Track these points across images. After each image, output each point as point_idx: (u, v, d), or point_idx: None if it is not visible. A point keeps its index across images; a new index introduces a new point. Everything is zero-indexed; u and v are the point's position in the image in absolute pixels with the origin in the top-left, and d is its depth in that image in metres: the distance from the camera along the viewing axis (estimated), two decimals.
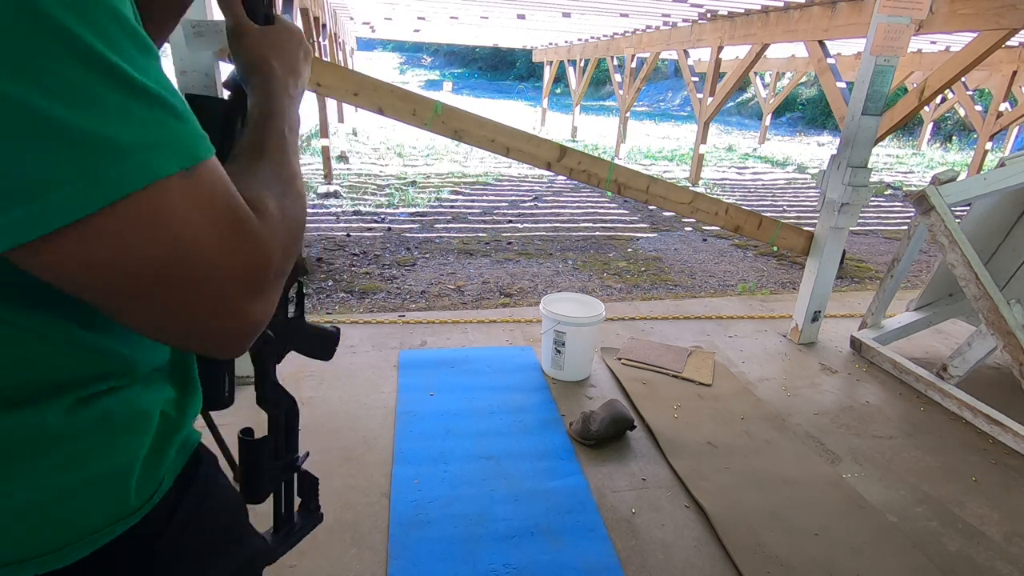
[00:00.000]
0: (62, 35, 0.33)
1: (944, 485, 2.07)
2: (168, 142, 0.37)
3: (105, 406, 0.47)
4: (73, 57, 0.33)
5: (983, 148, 9.47)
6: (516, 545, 1.70)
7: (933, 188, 2.54)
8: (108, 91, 0.34)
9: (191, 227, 0.38)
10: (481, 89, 35.09)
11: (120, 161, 0.34)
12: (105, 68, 0.34)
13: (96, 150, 0.34)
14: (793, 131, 21.66)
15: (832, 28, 5.55)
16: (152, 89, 0.37)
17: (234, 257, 0.40)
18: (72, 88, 0.33)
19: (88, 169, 0.33)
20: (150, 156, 0.36)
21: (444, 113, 2.53)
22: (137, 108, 0.36)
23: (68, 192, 0.33)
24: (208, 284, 0.39)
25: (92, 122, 0.34)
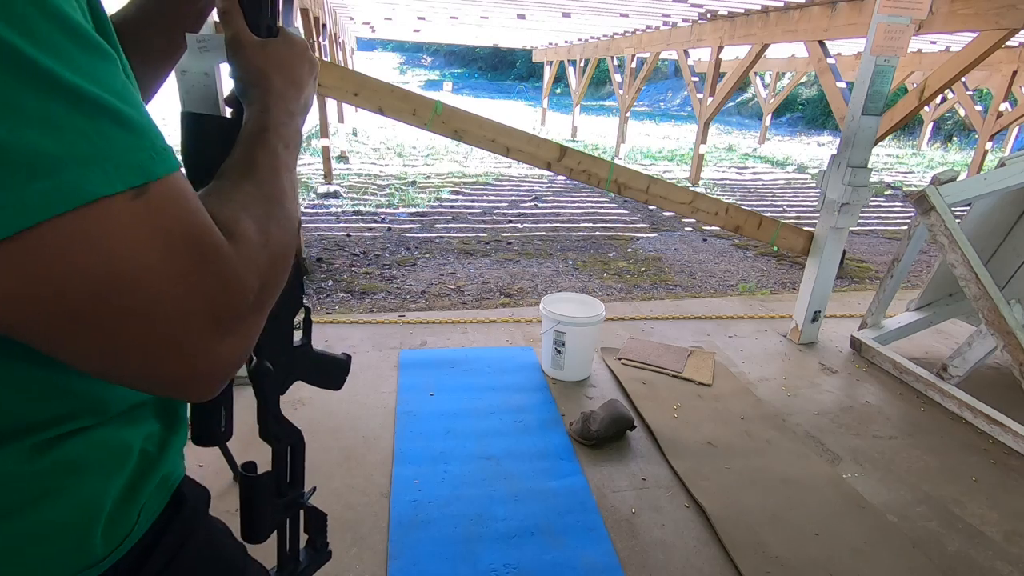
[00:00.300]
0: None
1: (944, 485, 2.07)
2: (111, 156, 0.32)
3: (71, 449, 0.42)
4: (6, 66, 0.29)
5: (983, 148, 9.47)
6: (516, 545, 1.70)
7: (933, 188, 2.54)
8: (26, 93, 0.30)
9: (137, 254, 0.33)
10: (481, 89, 35.10)
11: (44, 177, 0.30)
12: (22, 66, 0.29)
13: (10, 163, 0.29)
14: (793, 131, 21.66)
15: (832, 28, 5.55)
16: (92, 94, 0.32)
17: (193, 289, 0.35)
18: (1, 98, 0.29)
19: (1, 185, 0.29)
20: (84, 172, 0.31)
21: (444, 113, 2.53)
22: (69, 115, 0.31)
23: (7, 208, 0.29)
24: (158, 320, 0.34)
25: (16, 135, 0.29)
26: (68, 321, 0.33)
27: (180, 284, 0.35)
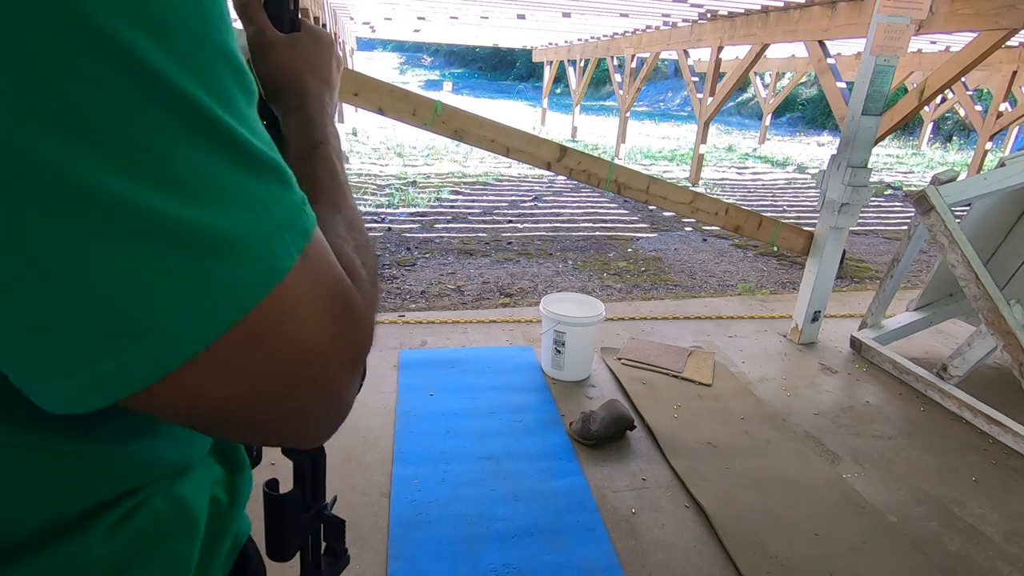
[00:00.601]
0: (149, 81, 0.23)
1: (944, 485, 2.07)
2: (287, 222, 0.29)
3: (151, 511, 0.38)
4: (172, 116, 0.24)
5: (983, 148, 9.47)
6: (516, 545, 1.70)
7: (933, 188, 2.54)
8: (221, 164, 0.26)
9: (309, 322, 0.30)
10: (481, 89, 35.10)
11: (245, 262, 0.26)
12: (214, 130, 0.26)
13: (214, 252, 0.25)
14: (793, 131, 21.66)
15: (832, 28, 5.55)
16: (262, 152, 0.28)
17: (347, 344, 0.33)
18: (171, 163, 0.24)
19: (209, 281, 0.25)
20: (273, 247, 0.27)
21: (444, 113, 2.53)
22: (253, 182, 0.27)
23: (186, 318, 0.25)
24: (321, 382, 0.32)
25: (207, 213, 0.25)
26: (241, 406, 0.29)
27: (339, 342, 0.32)
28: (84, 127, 0.22)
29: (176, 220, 0.24)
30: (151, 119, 0.24)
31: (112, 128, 0.23)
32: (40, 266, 0.22)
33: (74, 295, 0.23)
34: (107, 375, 0.25)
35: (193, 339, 0.26)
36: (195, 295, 0.25)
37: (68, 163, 0.22)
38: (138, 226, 0.23)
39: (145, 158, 0.24)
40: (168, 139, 0.24)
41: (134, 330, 0.24)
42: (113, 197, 0.23)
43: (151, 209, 0.24)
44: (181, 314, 0.25)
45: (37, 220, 0.22)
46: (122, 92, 0.23)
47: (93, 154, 0.22)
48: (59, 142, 0.22)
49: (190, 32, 0.25)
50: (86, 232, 0.23)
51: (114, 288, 0.24)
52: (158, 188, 0.24)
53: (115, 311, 0.24)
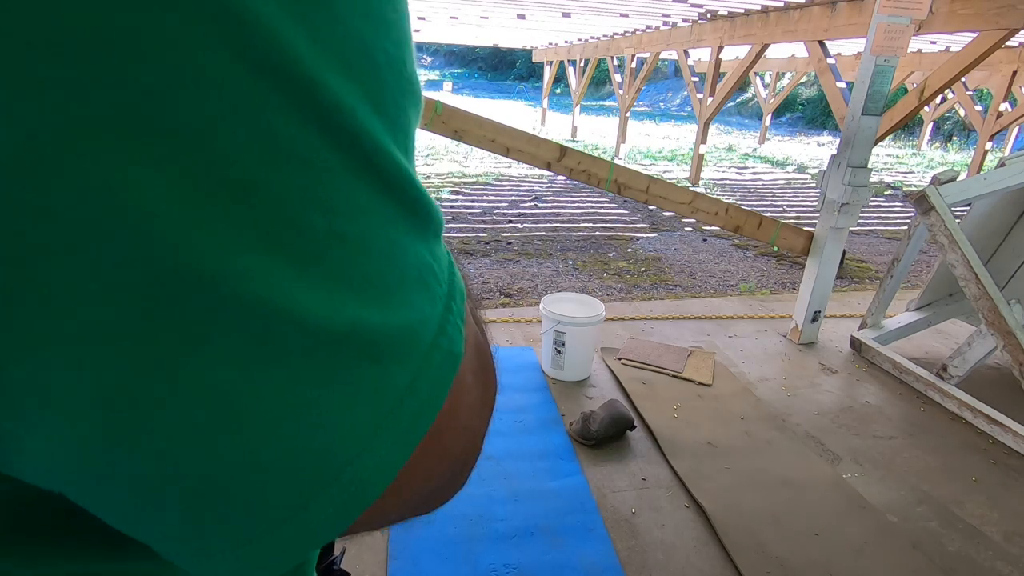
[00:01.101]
0: (333, 126, 0.17)
1: (944, 485, 2.07)
2: (450, 287, 0.23)
3: None
4: (364, 181, 0.18)
5: (983, 148, 9.48)
6: (516, 545, 1.70)
7: (933, 188, 2.54)
8: (403, 235, 0.20)
9: (470, 400, 0.24)
10: (481, 89, 35.11)
11: (427, 358, 0.20)
12: (401, 192, 0.20)
13: (396, 355, 0.19)
14: (793, 131, 21.67)
15: (832, 28, 5.55)
16: (426, 199, 0.21)
17: (487, 408, 0.27)
18: (365, 252, 0.19)
19: (396, 395, 0.20)
20: (448, 328, 0.22)
21: (444, 113, 2.53)
22: (421, 245, 0.21)
23: (377, 451, 0.20)
24: (473, 462, 0.27)
25: (390, 307, 0.19)
26: (399, 515, 0.24)
27: (484, 410, 0.27)
28: (251, 214, 0.16)
29: (370, 330, 0.19)
30: (341, 188, 0.18)
31: (291, 207, 0.17)
32: (201, 414, 0.17)
33: (244, 447, 0.18)
34: (288, 541, 0.19)
35: (383, 474, 0.20)
36: (384, 417, 0.20)
37: (237, 274, 0.16)
38: (329, 344, 0.18)
39: (342, 251, 0.18)
40: (363, 219, 0.18)
41: (318, 481, 0.19)
42: (314, 318, 0.17)
43: (347, 324, 0.18)
44: (371, 446, 0.20)
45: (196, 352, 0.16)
46: (304, 149, 0.17)
47: (271, 254, 0.16)
48: (224, 240, 0.16)
49: (373, 49, 0.19)
50: (265, 367, 0.17)
51: (295, 429, 0.18)
52: (352, 293, 0.18)
53: (293, 461, 0.18)
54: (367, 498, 0.20)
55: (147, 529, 0.19)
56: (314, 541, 0.20)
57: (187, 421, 0.17)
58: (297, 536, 0.20)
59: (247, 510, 0.19)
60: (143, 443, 0.17)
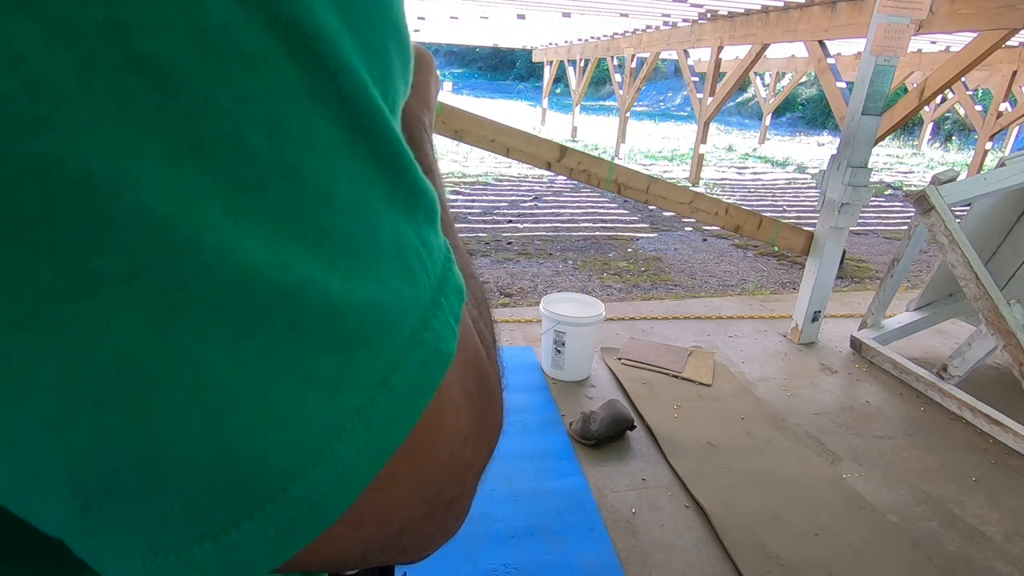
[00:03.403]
0: (304, 49, 0.15)
1: (944, 485, 2.07)
2: (441, 280, 0.20)
3: None
4: (331, 114, 0.16)
5: (983, 148, 9.48)
6: (516, 545, 1.70)
7: (933, 188, 2.54)
8: (379, 196, 0.18)
9: (456, 420, 0.21)
10: (481, 89, 35.11)
11: (405, 351, 0.18)
12: (378, 142, 0.17)
13: (366, 340, 0.17)
14: (793, 131, 21.68)
15: (832, 28, 5.55)
16: (416, 173, 0.19)
17: (483, 439, 0.24)
18: (325, 200, 0.16)
19: (364, 391, 0.17)
20: (434, 322, 0.19)
21: (444, 113, 2.53)
22: (406, 222, 0.19)
23: (337, 458, 0.16)
24: (460, 498, 0.23)
25: (358, 279, 0.17)
26: (365, 550, 0.20)
27: (479, 440, 0.23)
28: (192, 140, 0.13)
29: (326, 297, 0.15)
30: (292, 106, 0.15)
31: (231, 132, 0.14)
32: (113, 378, 0.14)
33: (172, 431, 0.14)
34: (223, 552, 0.16)
35: (344, 492, 0.17)
36: (346, 416, 0.16)
37: (183, 214, 0.13)
38: (277, 309, 0.15)
39: (293, 190, 0.15)
40: (323, 156, 0.16)
41: (271, 483, 0.15)
42: (248, 263, 0.14)
43: (290, 281, 0.15)
44: (327, 452, 0.16)
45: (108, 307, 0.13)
46: (243, 39, 0.14)
47: (213, 186, 0.14)
48: (160, 158, 0.13)
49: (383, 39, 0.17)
50: (188, 327, 0.14)
51: (237, 419, 0.15)
52: (303, 243, 0.15)
53: (234, 455, 0.15)
54: (320, 522, 0.16)
55: (42, 515, 0.16)
56: (243, 570, 0.16)
57: (67, 393, 0.14)
58: (220, 563, 0.16)
59: (155, 518, 0.15)
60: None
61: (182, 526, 0.15)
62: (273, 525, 0.16)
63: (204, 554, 0.15)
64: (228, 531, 0.15)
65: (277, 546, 0.16)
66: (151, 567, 0.16)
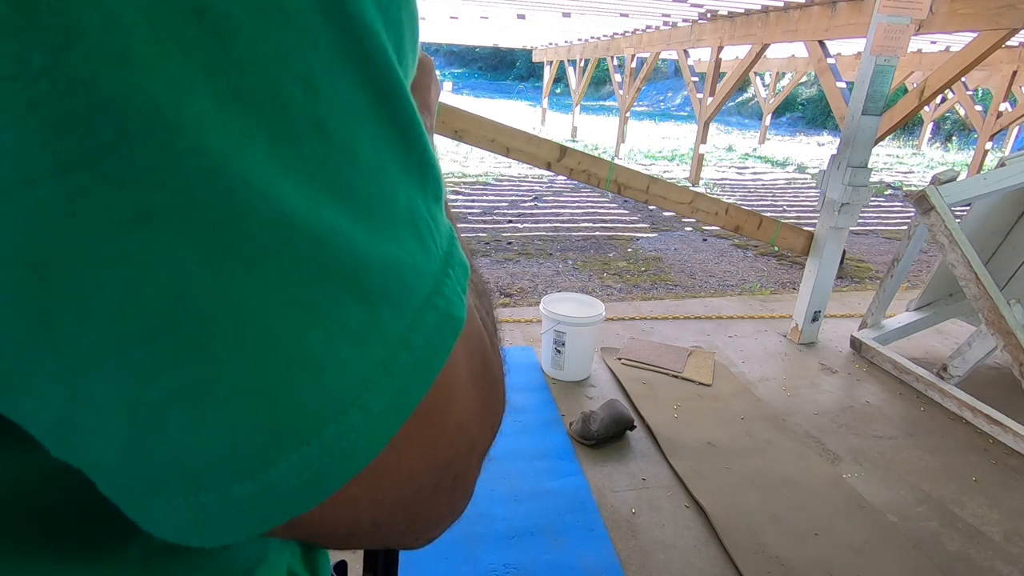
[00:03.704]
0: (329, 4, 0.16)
1: (944, 485, 2.07)
2: (447, 254, 0.21)
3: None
4: (356, 73, 0.17)
5: (983, 148, 9.48)
6: (516, 545, 1.70)
7: (933, 188, 2.54)
8: (395, 161, 0.18)
9: (464, 394, 0.22)
10: (481, 89, 35.11)
11: (422, 312, 0.19)
12: (396, 105, 0.18)
13: (388, 298, 0.17)
14: (793, 131, 21.68)
15: (832, 28, 5.55)
16: (427, 146, 0.20)
17: (488, 418, 0.25)
18: (350, 156, 0.17)
19: (389, 346, 0.18)
20: (445, 289, 0.20)
21: (444, 113, 2.53)
22: (418, 193, 0.20)
23: (365, 405, 0.17)
24: (467, 473, 0.24)
25: (379, 237, 0.17)
26: (378, 517, 0.21)
27: (484, 418, 0.24)
28: (239, 88, 0.14)
29: (354, 248, 0.16)
30: (325, 65, 0.16)
31: (273, 85, 0.15)
32: (153, 326, 0.14)
33: (219, 367, 0.15)
34: (260, 492, 0.16)
35: (372, 440, 0.17)
36: (373, 369, 0.17)
37: (234, 155, 0.14)
38: (313, 256, 0.15)
39: (322, 145, 0.16)
40: (349, 115, 0.16)
41: (307, 426, 0.16)
42: (288, 207, 0.15)
43: (324, 229, 0.16)
44: (357, 400, 0.17)
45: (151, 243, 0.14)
46: (302, 20, 0.15)
47: (258, 133, 0.15)
48: (191, 107, 0.14)
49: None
50: (236, 266, 0.15)
51: (278, 361, 0.15)
52: (332, 195, 0.16)
53: (274, 395, 0.16)
54: (349, 468, 0.17)
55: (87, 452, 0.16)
56: (276, 512, 0.17)
57: (115, 328, 0.14)
58: (257, 503, 0.17)
59: (200, 451, 0.16)
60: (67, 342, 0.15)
61: (224, 462, 0.16)
62: (308, 467, 0.17)
63: (243, 492, 0.16)
64: (267, 470, 0.16)
65: (310, 489, 0.17)
66: (192, 504, 0.16)
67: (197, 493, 0.16)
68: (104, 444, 0.16)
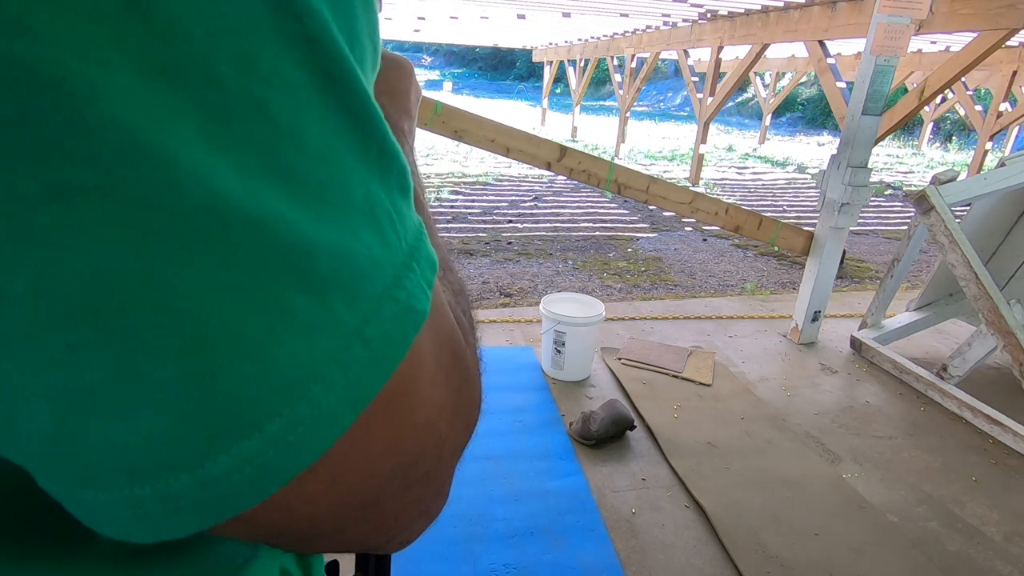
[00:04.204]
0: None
1: (944, 485, 2.07)
2: (412, 247, 0.20)
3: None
4: (299, 56, 0.16)
5: (983, 148, 9.48)
6: (516, 545, 1.70)
7: (933, 188, 2.54)
8: (348, 150, 0.18)
9: (431, 392, 0.21)
10: (481, 89, 35.11)
11: (378, 304, 0.18)
12: (347, 92, 0.17)
13: (340, 288, 0.17)
14: (793, 131, 21.68)
15: (832, 28, 5.55)
16: (390, 138, 0.20)
17: (461, 416, 0.25)
18: (295, 141, 0.16)
19: (340, 338, 0.17)
20: (406, 282, 0.19)
21: (444, 113, 2.53)
22: (378, 184, 0.19)
23: (312, 399, 0.16)
24: (437, 473, 0.23)
25: (330, 226, 0.17)
26: (340, 518, 0.20)
27: (455, 416, 0.24)
28: (164, 62, 0.14)
29: (297, 235, 0.16)
30: (260, 41, 0.15)
31: (203, 59, 0.14)
32: (89, 310, 0.14)
33: (145, 353, 0.14)
34: (199, 486, 0.16)
35: (320, 434, 0.17)
36: (322, 360, 0.16)
37: (158, 131, 0.14)
38: (250, 241, 0.15)
39: (262, 127, 0.15)
40: (292, 97, 0.16)
41: (248, 419, 0.16)
42: (221, 189, 0.14)
43: (264, 213, 0.15)
44: (305, 393, 0.16)
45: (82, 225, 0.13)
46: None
47: (186, 109, 0.14)
48: (128, 88, 0.13)
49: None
50: (163, 249, 0.14)
51: (212, 349, 0.15)
52: (275, 179, 0.15)
53: (210, 385, 0.15)
54: (296, 463, 0.17)
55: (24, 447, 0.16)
56: (218, 508, 0.16)
57: (40, 316, 0.14)
58: (196, 497, 0.16)
59: (131, 442, 0.15)
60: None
61: (157, 454, 0.15)
62: (250, 462, 0.16)
63: (180, 486, 0.16)
64: (205, 463, 0.16)
65: (253, 485, 0.16)
66: (128, 497, 0.16)
67: (132, 486, 0.16)
68: (30, 434, 0.15)
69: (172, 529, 0.17)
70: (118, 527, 0.17)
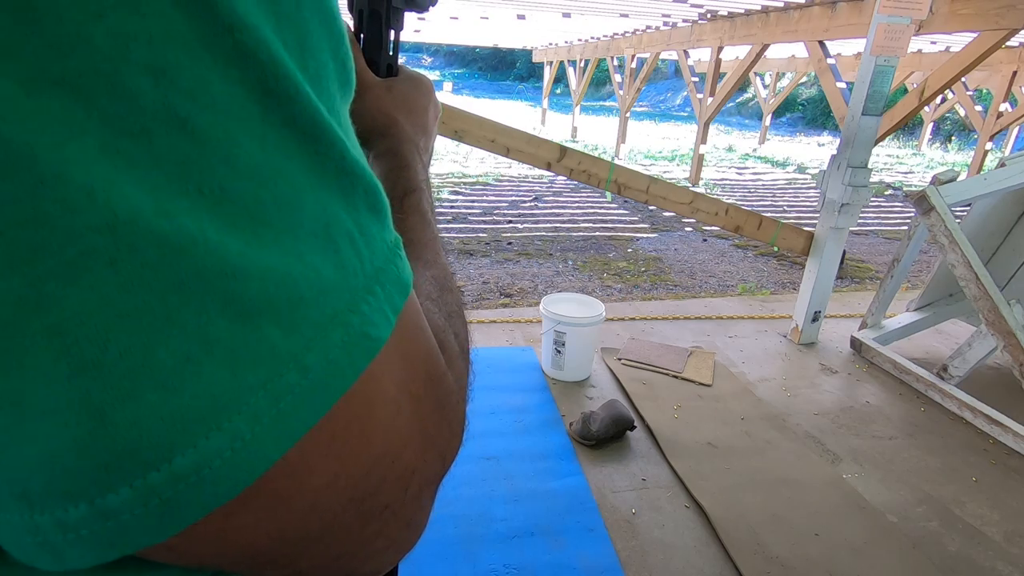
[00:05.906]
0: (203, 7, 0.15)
1: (944, 485, 2.07)
2: (378, 270, 0.20)
3: None
4: (234, 72, 0.15)
5: (983, 148, 9.48)
6: (516, 545, 1.70)
7: (933, 188, 2.54)
8: (297, 168, 0.17)
9: (394, 421, 0.20)
10: (481, 89, 35.11)
11: (323, 330, 0.17)
12: (292, 110, 0.17)
13: (275, 313, 0.16)
14: (793, 131, 21.68)
15: (832, 28, 5.55)
16: (354, 161, 0.19)
17: (433, 446, 0.24)
18: (225, 158, 0.15)
19: (270, 365, 0.16)
20: (363, 307, 0.18)
21: (444, 113, 2.53)
22: (339, 205, 0.18)
23: (232, 431, 0.16)
24: (402, 507, 0.23)
25: (270, 248, 0.16)
26: (285, 549, 0.19)
27: (426, 446, 0.23)
28: (61, 74, 0.13)
29: (222, 257, 0.15)
30: (196, 71, 0.14)
31: (109, 72, 0.13)
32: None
33: (34, 378, 0.14)
34: (98, 517, 0.15)
35: (243, 466, 0.16)
36: (247, 389, 0.16)
37: (46, 146, 0.13)
38: (161, 263, 0.14)
39: (184, 143, 0.14)
40: (221, 113, 0.15)
41: (154, 450, 0.15)
42: (124, 208, 0.13)
43: (180, 234, 0.14)
44: (223, 424, 0.15)
45: None
46: (146, 4, 0.14)
47: (86, 123, 0.13)
48: (38, 105, 0.13)
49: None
50: (49, 269, 0.13)
51: (112, 376, 0.14)
52: (197, 199, 0.14)
53: (109, 415, 0.14)
54: (210, 499, 0.15)
55: None
56: (122, 540, 0.15)
57: None
58: (97, 528, 0.15)
59: (24, 468, 0.14)
60: None
61: (52, 482, 0.14)
62: (156, 495, 0.15)
63: (79, 516, 0.15)
64: (104, 495, 0.15)
65: (161, 519, 0.15)
66: (28, 523, 0.15)
67: (30, 512, 0.15)
68: None
69: (74, 559, 0.16)
70: (24, 553, 0.16)
